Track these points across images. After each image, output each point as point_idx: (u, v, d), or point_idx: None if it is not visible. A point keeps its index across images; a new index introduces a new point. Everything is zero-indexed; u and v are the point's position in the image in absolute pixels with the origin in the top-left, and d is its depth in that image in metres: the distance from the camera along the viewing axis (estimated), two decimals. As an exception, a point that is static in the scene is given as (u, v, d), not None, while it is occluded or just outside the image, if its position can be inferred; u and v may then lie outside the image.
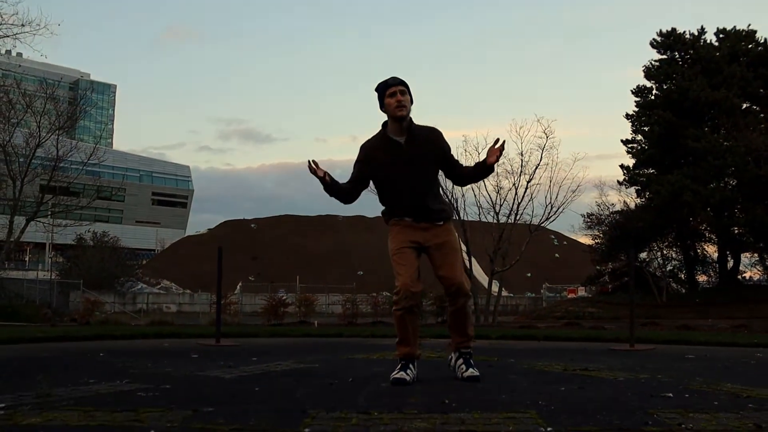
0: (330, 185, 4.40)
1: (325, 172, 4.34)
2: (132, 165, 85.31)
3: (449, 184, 21.40)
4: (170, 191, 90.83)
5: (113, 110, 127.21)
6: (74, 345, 8.56)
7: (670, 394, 3.66)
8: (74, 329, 13.25)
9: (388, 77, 4.39)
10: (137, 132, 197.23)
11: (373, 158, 4.40)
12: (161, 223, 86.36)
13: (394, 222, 4.51)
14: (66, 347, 8.09)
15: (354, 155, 4.52)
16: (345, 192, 4.52)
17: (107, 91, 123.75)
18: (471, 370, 4.38)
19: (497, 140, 4.33)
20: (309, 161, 4.31)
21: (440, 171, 4.55)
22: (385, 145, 4.37)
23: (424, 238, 4.41)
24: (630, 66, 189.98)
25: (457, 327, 4.48)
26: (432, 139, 4.41)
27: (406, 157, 4.31)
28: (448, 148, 4.50)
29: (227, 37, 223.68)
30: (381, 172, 4.42)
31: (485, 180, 23.80)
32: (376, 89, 4.41)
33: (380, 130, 4.43)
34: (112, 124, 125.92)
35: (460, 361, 4.46)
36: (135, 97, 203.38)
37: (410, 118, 4.36)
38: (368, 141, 4.47)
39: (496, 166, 4.46)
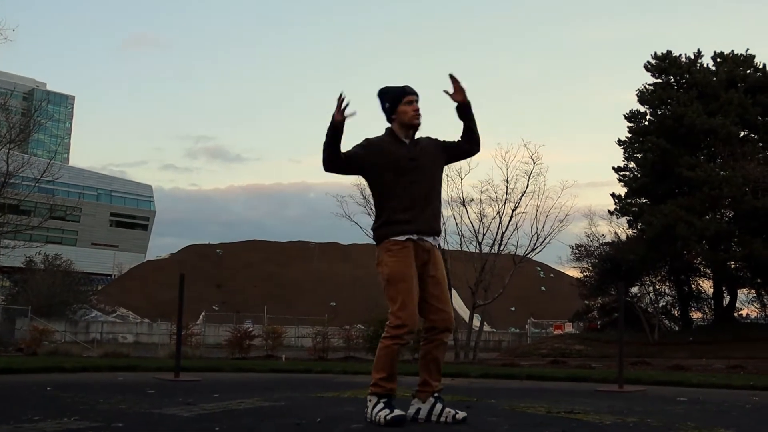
0: (338, 127, 4.31)
1: (344, 114, 4.29)
2: (89, 183, 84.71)
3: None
4: (130, 212, 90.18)
5: (70, 123, 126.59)
6: (19, 378, 8.44)
7: (660, 440, 3.67)
8: (20, 360, 13.07)
9: (402, 85, 4.52)
10: (96, 148, 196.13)
11: (380, 151, 4.43)
12: (119, 246, 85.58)
13: (395, 242, 4.38)
14: (9, 380, 7.97)
15: (331, 177, 4.56)
16: (337, 152, 4.39)
17: (64, 102, 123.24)
18: (460, 411, 4.36)
19: (450, 76, 4.51)
20: (342, 93, 4.26)
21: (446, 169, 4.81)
22: (392, 140, 4.48)
23: (422, 262, 4.40)
24: (623, 89, 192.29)
25: (436, 366, 4.45)
26: (433, 143, 4.63)
27: (411, 153, 4.44)
28: (446, 141, 4.69)
29: (197, 48, 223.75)
30: (383, 165, 4.42)
31: (467, 207, 23.98)
32: (384, 93, 4.52)
33: (384, 133, 4.53)
34: (69, 138, 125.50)
35: (439, 406, 4.36)
36: (95, 109, 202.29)
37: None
38: (373, 137, 4.54)
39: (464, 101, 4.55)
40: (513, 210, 24.07)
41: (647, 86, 35.52)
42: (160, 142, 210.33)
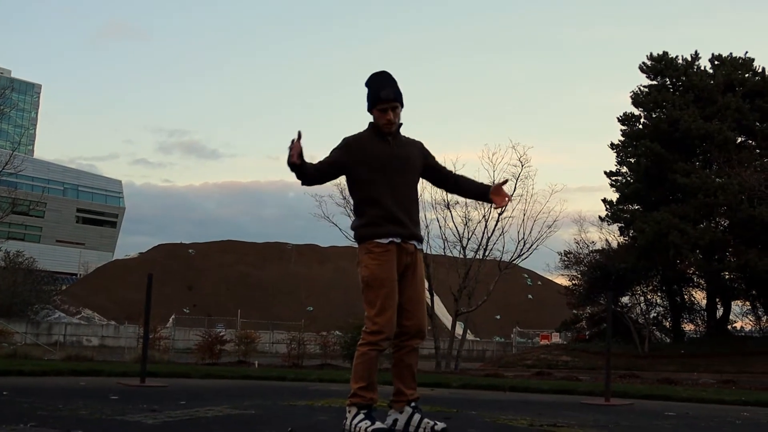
0: (299, 167, 4.26)
1: (300, 150, 4.22)
2: (55, 177, 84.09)
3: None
4: (98, 208, 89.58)
5: (36, 113, 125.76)
6: (-25, 381, 8.35)
7: (644, 456, 3.69)
8: (-24, 362, 12.93)
9: (383, 78, 4.53)
10: (64, 140, 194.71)
11: (363, 150, 4.43)
12: (86, 244, 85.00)
13: (378, 244, 4.36)
14: (-35, 383, 7.89)
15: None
16: (312, 172, 4.38)
17: (30, 91, 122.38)
18: (440, 423, 4.29)
19: (506, 181, 4.81)
20: (298, 132, 4.19)
21: (427, 182, 4.81)
22: (372, 137, 4.48)
23: (405, 265, 4.40)
24: (617, 91, 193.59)
25: (410, 373, 4.40)
26: (416, 144, 4.67)
27: (394, 152, 4.46)
28: (432, 156, 4.74)
29: (175, 37, 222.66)
30: (367, 165, 4.43)
31: (452, 210, 24.03)
32: (367, 85, 4.53)
33: (366, 129, 4.55)
34: (35, 129, 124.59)
35: (417, 416, 4.31)
36: (63, 99, 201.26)
37: (398, 125, 4.55)
38: (353, 135, 4.54)
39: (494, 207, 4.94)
40: (499, 214, 24.16)
41: (642, 88, 35.77)
42: (132, 135, 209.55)
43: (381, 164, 4.41)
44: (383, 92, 4.44)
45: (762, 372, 23.36)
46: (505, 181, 4.75)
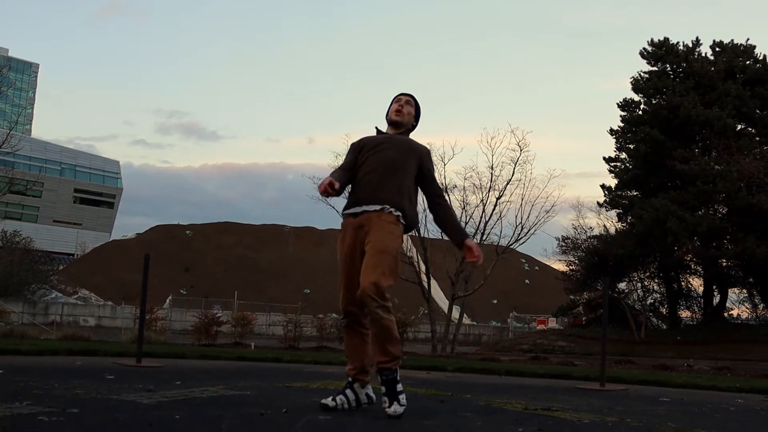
0: (340, 190, 4.54)
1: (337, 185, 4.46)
2: (53, 156, 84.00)
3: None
4: (95, 188, 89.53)
5: (34, 93, 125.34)
6: (-29, 359, 8.37)
7: (638, 441, 3.71)
8: (-27, 341, 12.95)
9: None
10: (62, 120, 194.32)
11: (361, 144, 4.76)
12: (83, 225, 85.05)
13: (342, 222, 4.65)
14: (-39, 361, 7.91)
15: (310, 158, 4.75)
16: (345, 183, 4.66)
17: (28, 70, 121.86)
18: (394, 405, 4.25)
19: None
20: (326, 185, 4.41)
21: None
22: (376, 135, 4.84)
23: (365, 233, 4.47)
24: (617, 76, 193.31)
25: (373, 342, 4.42)
26: (418, 148, 4.80)
27: (392, 143, 4.71)
28: (431, 165, 4.87)
29: (176, 18, 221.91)
30: (359, 151, 4.72)
31: (450, 194, 23.98)
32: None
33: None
34: (32, 108, 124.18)
35: (383, 389, 4.35)
36: (62, 79, 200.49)
37: (406, 131, 4.87)
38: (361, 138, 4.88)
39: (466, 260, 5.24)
40: (497, 198, 24.15)
41: (642, 74, 35.74)
42: (132, 116, 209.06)
43: (371, 147, 4.67)
44: (401, 93, 4.91)
45: (758, 359, 23.45)
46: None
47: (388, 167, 4.59)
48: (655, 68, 35.72)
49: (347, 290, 4.50)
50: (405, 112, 4.78)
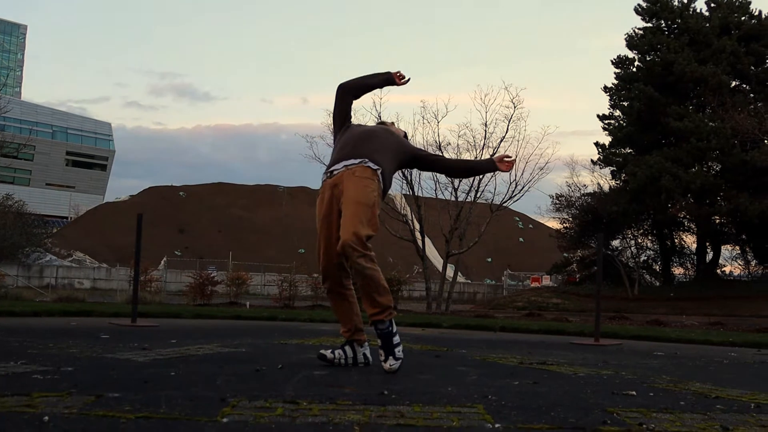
0: (387, 84, 4.90)
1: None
2: (43, 119, 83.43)
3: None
4: (88, 151, 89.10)
5: (22, 54, 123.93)
6: (-35, 320, 8.37)
7: (633, 392, 3.72)
8: (-33, 303, 12.95)
9: None
10: (53, 82, 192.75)
11: (351, 124, 4.85)
12: (76, 187, 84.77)
13: (322, 178, 4.64)
14: (-45, 323, 7.91)
15: (304, 118, 4.84)
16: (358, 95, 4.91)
17: (15, 32, 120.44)
18: (390, 360, 4.25)
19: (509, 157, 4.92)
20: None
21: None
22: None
23: (340, 193, 4.42)
24: (612, 32, 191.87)
25: (362, 296, 4.36)
26: (396, 132, 4.89)
27: (374, 126, 4.92)
28: (410, 146, 4.98)
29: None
30: (348, 127, 4.79)
31: (444, 152, 23.92)
32: None
33: None
34: (21, 70, 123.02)
35: (379, 342, 4.32)
36: (51, 41, 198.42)
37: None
38: None
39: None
40: (491, 156, 24.05)
41: (637, 30, 35.50)
42: (124, 78, 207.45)
43: (355, 125, 4.80)
44: None
45: (749, 315, 23.65)
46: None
47: (369, 134, 4.64)
48: (649, 24, 35.50)
49: (326, 254, 4.48)
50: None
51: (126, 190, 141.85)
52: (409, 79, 4.87)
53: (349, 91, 4.79)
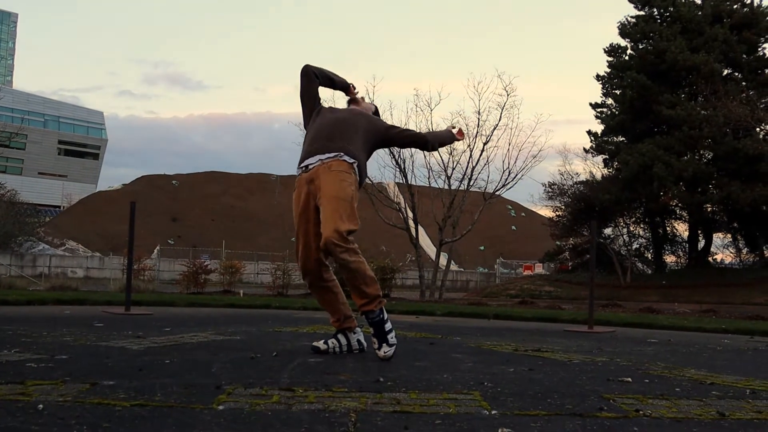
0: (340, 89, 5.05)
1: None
2: (35, 108, 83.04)
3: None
4: (80, 140, 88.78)
5: (14, 43, 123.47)
6: (-42, 309, 8.34)
7: (629, 379, 3.72)
8: (-40, 292, 12.91)
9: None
10: (46, 71, 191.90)
11: (321, 107, 4.87)
12: (68, 176, 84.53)
13: (297, 171, 4.62)
14: (-52, 311, 7.88)
15: (297, 107, 4.91)
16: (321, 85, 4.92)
17: (6, 20, 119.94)
18: (384, 347, 4.25)
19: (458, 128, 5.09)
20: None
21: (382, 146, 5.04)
22: None
23: (316, 189, 4.39)
24: (605, 21, 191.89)
25: (350, 288, 4.36)
26: (365, 108, 5.00)
27: (343, 108, 4.95)
28: (380, 120, 5.00)
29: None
30: (319, 111, 4.80)
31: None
32: None
33: None
34: (12, 59, 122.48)
35: (372, 330, 4.33)
36: (43, 29, 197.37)
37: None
38: None
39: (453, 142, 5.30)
40: (484, 144, 24.06)
41: (629, 18, 35.48)
42: (116, 66, 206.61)
43: (326, 109, 4.83)
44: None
45: (741, 302, 23.75)
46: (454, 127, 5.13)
47: (341, 121, 4.61)
48: (642, 12, 35.46)
49: (304, 250, 4.47)
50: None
51: (119, 179, 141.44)
52: (358, 94, 5.04)
53: (315, 75, 4.78)
